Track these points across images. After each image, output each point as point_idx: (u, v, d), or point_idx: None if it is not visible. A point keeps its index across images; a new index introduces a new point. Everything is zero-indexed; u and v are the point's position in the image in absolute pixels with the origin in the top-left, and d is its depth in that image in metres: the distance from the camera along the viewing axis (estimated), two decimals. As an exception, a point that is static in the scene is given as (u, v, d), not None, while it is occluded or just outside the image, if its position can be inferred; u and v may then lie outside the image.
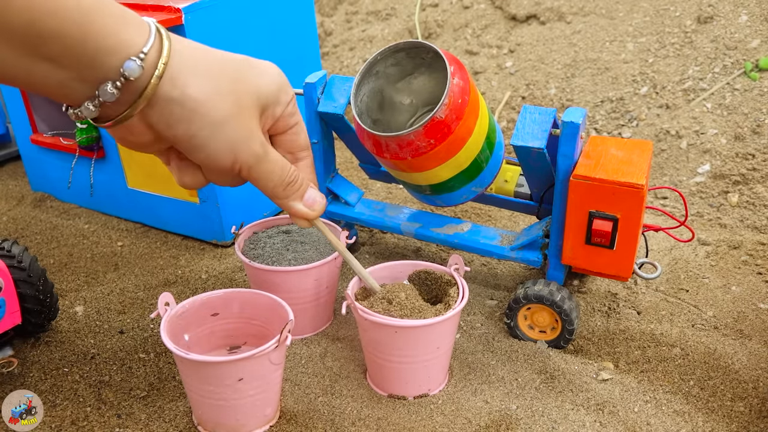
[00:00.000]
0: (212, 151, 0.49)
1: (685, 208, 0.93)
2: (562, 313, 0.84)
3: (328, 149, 1.00)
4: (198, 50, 0.48)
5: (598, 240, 0.79)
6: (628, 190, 0.76)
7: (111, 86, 0.43)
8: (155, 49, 0.44)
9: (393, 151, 0.78)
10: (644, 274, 0.87)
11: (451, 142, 0.77)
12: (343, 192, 1.02)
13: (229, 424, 0.72)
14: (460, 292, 0.78)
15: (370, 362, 0.80)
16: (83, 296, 1.01)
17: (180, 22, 0.93)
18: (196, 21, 0.95)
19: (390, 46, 0.82)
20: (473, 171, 0.84)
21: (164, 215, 1.16)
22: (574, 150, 0.79)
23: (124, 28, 0.43)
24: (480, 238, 0.93)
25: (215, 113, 0.48)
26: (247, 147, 0.51)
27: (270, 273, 0.84)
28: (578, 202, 0.79)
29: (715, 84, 1.35)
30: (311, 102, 0.94)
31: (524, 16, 1.69)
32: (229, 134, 0.49)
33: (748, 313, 0.92)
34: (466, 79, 0.78)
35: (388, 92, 0.88)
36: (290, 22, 1.15)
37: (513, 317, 0.88)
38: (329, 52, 1.86)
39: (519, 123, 0.83)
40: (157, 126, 0.47)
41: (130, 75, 0.43)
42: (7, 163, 1.49)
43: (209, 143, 0.48)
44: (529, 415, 0.76)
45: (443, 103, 0.74)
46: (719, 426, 0.74)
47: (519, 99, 1.52)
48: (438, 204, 0.91)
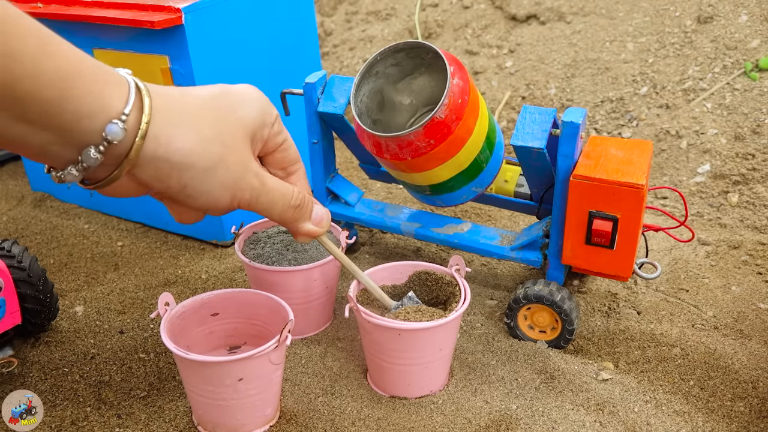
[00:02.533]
0: (208, 197, 0.48)
1: (685, 208, 0.93)
2: (562, 313, 0.84)
3: (328, 149, 1.00)
4: (176, 99, 0.47)
5: (598, 240, 0.79)
6: (628, 190, 0.75)
7: (94, 151, 0.42)
8: (136, 108, 0.43)
9: (393, 151, 0.78)
10: (644, 274, 0.87)
11: (451, 143, 0.77)
12: (343, 192, 1.02)
13: (229, 424, 0.72)
14: (462, 293, 0.78)
15: (371, 364, 0.80)
16: (83, 296, 1.00)
17: (180, 22, 0.93)
18: (195, 21, 0.95)
19: (390, 46, 0.82)
20: (473, 171, 0.84)
21: (164, 215, 1.16)
22: (574, 150, 0.79)
23: (105, 89, 0.42)
24: (480, 238, 0.93)
25: (204, 161, 0.47)
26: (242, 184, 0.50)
27: (270, 273, 0.84)
28: (578, 202, 0.79)
29: (715, 84, 1.35)
30: (311, 102, 0.94)
31: (524, 16, 1.69)
32: (221, 177, 0.48)
33: (748, 313, 0.92)
34: (466, 80, 0.78)
35: (388, 92, 0.88)
36: (290, 23, 1.15)
37: (513, 317, 0.88)
38: (329, 52, 1.86)
39: (519, 123, 0.83)
40: (147, 182, 0.46)
41: (113, 139, 0.42)
42: (7, 163, 1.49)
43: (203, 189, 0.48)
44: (529, 415, 0.76)
45: (443, 104, 0.74)
46: (719, 426, 0.74)
47: (519, 99, 1.52)
48: (438, 204, 0.91)
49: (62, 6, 1.03)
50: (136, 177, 0.46)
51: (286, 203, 0.55)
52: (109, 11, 0.98)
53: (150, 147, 0.44)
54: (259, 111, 0.52)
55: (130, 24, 0.93)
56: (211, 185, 0.48)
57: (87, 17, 0.98)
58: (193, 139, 0.46)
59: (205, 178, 0.47)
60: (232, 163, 0.49)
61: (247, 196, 0.51)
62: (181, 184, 0.47)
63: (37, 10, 1.03)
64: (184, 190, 0.47)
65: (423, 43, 0.80)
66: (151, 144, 0.44)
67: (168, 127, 0.45)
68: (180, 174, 0.46)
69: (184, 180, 0.47)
